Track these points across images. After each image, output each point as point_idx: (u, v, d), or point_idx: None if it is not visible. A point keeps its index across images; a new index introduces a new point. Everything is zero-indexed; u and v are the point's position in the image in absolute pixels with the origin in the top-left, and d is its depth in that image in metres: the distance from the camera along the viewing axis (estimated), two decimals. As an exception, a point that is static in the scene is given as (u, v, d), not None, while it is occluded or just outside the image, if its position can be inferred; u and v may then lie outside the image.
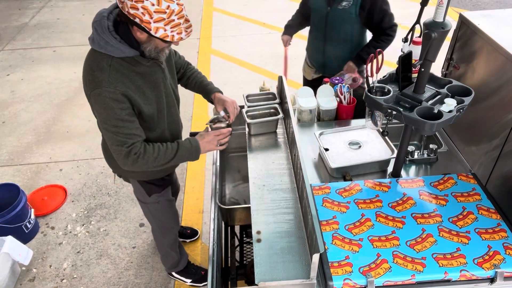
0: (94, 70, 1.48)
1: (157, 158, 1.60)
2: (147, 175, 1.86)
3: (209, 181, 3.18)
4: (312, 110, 2.11)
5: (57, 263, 2.64)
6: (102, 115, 1.51)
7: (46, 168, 3.40)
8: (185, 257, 2.44)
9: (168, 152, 1.63)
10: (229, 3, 6.38)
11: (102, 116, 1.51)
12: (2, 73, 4.83)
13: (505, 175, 1.55)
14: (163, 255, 2.36)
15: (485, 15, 1.76)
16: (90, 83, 1.49)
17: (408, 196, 1.61)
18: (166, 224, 2.17)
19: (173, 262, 2.38)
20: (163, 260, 2.42)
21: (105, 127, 1.53)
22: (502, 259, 1.35)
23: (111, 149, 1.59)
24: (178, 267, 2.43)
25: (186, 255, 2.46)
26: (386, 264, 1.35)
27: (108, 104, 1.47)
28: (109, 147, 1.59)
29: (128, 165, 1.58)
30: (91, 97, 1.51)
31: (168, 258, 2.36)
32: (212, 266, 1.50)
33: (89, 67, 1.50)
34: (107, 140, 1.57)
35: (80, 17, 6.16)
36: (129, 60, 1.51)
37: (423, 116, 1.40)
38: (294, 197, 1.56)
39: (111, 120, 1.50)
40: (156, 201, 2.00)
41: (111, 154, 1.70)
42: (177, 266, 2.41)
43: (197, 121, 3.85)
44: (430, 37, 1.33)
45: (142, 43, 1.48)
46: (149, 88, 1.59)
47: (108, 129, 1.52)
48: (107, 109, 1.48)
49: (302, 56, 2.91)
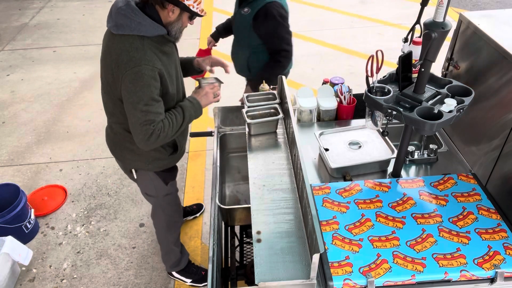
0: (129, 51, 1.53)
1: (173, 127, 1.68)
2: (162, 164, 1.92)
3: (209, 181, 3.18)
4: (312, 110, 2.11)
5: (57, 263, 2.64)
6: (137, 93, 1.55)
7: (46, 168, 3.40)
8: (186, 256, 2.45)
9: (178, 118, 1.70)
10: (229, 3, 6.34)
11: (137, 95, 1.55)
12: (2, 73, 4.84)
13: (505, 175, 1.55)
14: (166, 252, 2.36)
15: (485, 15, 1.76)
16: (127, 63, 1.53)
17: (408, 196, 1.61)
18: (173, 218, 2.21)
19: (175, 260, 2.39)
20: (165, 258, 2.42)
21: (138, 107, 1.57)
22: (502, 259, 1.35)
23: (137, 130, 1.61)
24: (179, 266, 2.43)
25: (187, 254, 2.47)
26: (386, 264, 1.35)
27: (146, 82, 1.54)
28: (135, 128, 1.61)
29: (151, 143, 1.64)
30: (127, 76, 1.54)
31: (170, 256, 2.37)
32: (212, 266, 1.49)
33: (121, 50, 1.55)
34: (135, 120, 1.59)
35: (80, 18, 6.16)
36: (157, 39, 1.60)
37: (423, 116, 1.40)
38: (294, 197, 1.56)
39: (145, 99, 1.56)
40: (169, 192, 2.06)
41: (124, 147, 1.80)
42: (178, 265, 2.42)
43: (197, 121, 3.84)
44: (430, 37, 1.33)
45: (171, 23, 1.62)
46: (172, 68, 1.70)
47: (140, 108, 1.57)
48: (143, 87, 1.54)
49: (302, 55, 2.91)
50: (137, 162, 1.88)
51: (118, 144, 1.88)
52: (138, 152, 1.83)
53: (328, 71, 4.54)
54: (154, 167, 1.91)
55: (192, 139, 3.61)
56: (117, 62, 1.56)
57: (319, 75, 4.46)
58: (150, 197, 2.09)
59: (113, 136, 1.88)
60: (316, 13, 6.00)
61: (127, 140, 1.81)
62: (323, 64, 4.70)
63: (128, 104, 1.60)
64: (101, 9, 6.28)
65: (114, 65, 1.57)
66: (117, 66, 1.56)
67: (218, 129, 2.17)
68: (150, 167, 1.90)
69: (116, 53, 1.57)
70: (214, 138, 2.12)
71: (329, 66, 4.66)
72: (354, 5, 6.20)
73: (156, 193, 2.04)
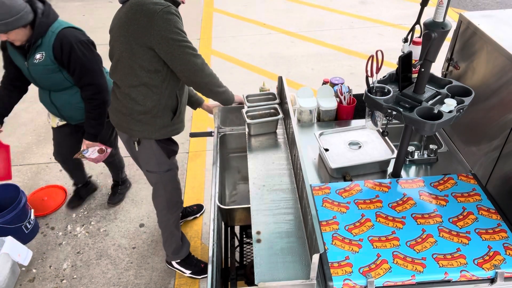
0: (145, 4, 1.67)
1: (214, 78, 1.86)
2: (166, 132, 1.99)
3: (209, 182, 3.19)
4: (312, 110, 2.11)
5: (57, 263, 2.64)
6: (173, 31, 1.68)
7: (46, 169, 3.40)
8: (187, 246, 2.47)
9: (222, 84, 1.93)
10: (229, 4, 6.39)
11: (174, 32, 1.68)
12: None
13: (505, 175, 1.55)
14: (168, 236, 2.37)
15: (485, 16, 1.76)
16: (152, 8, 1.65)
17: (408, 196, 1.61)
18: (174, 198, 2.25)
19: (176, 247, 2.40)
20: (166, 245, 2.42)
21: (178, 43, 1.69)
22: (502, 259, 1.35)
23: (189, 63, 1.74)
24: (180, 255, 2.45)
25: (188, 243, 2.48)
26: (386, 265, 1.35)
27: (175, 19, 1.68)
28: (186, 62, 1.73)
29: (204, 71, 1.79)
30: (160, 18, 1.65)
31: (172, 241, 2.38)
32: (212, 267, 1.49)
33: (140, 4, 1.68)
34: (183, 55, 1.72)
35: (80, 18, 6.16)
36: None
37: (423, 116, 1.40)
38: (294, 197, 1.56)
39: (181, 34, 1.70)
40: (170, 168, 2.12)
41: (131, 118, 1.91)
42: (178, 253, 2.43)
43: (197, 121, 3.85)
44: (430, 37, 1.33)
45: None
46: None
47: (181, 43, 1.70)
48: (177, 24, 1.69)
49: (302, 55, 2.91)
50: (144, 132, 1.94)
51: (125, 116, 1.93)
52: (144, 121, 1.91)
53: (328, 71, 4.55)
54: (161, 134, 1.97)
55: (192, 140, 3.61)
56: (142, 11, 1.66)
57: (319, 75, 4.46)
58: (152, 173, 2.12)
59: (121, 108, 1.92)
60: (316, 14, 6.01)
61: (135, 109, 1.88)
62: (323, 64, 4.70)
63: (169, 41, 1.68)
64: (101, 10, 6.28)
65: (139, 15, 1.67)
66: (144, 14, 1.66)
67: (218, 129, 2.17)
68: (157, 134, 1.96)
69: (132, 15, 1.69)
70: (214, 138, 2.12)
71: (329, 66, 4.66)
72: (354, 6, 6.21)
73: (158, 168, 2.07)
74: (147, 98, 1.85)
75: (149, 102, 1.86)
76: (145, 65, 1.76)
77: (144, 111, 1.88)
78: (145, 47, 1.71)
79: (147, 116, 1.90)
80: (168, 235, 2.36)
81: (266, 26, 5.67)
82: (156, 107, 1.88)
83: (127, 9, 1.72)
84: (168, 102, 1.90)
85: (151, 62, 1.75)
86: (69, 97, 2.35)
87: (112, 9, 1.69)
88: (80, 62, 2.16)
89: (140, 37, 1.69)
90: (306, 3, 6.36)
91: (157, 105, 1.87)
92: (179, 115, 2.01)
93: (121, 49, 1.78)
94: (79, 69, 2.18)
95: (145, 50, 1.72)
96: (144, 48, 1.72)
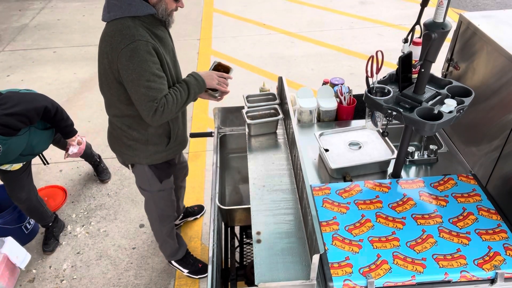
0: (122, 30, 1.55)
1: (177, 103, 1.67)
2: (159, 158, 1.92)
3: (209, 182, 3.18)
4: (312, 110, 2.11)
5: (56, 264, 2.64)
6: (135, 70, 1.55)
7: (46, 169, 3.40)
8: (183, 247, 2.47)
9: (183, 94, 1.70)
10: (229, 4, 6.39)
11: (137, 71, 1.55)
12: (2, 73, 4.84)
13: (506, 175, 1.55)
14: (161, 244, 2.39)
15: (485, 16, 1.76)
16: (120, 42, 1.54)
17: (408, 196, 1.61)
18: (166, 212, 2.22)
19: (172, 251, 2.42)
20: (161, 249, 2.45)
21: (139, 83, 1.57)
22: (502, 260, 1.35)
23: (141, 107, 1.62)
24: (177, 256, 2.46)
25: (184, 245, 2.49)
26: (386, 265, 1.35)
27: (143, 57, 1.54)
28: (139, 105, 1.62)
29: (157, 119, 1.64)
30: (123, 55, 1.54)
31: (166, 246, 2.40)
32: (212, 267, 1.49)
33: (114, 31, 1.57)
34: (138, 98, 1.60)
35: (80, 18, 6.16)
36: (148, 21, 1.62)
37: (423, 116, 1.40)
38: (294, 197, 1.56)
39: (146, 75, 1.56)
40: (162, 189, 2.06)
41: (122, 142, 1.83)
42: (175, 255, 2.45)
43: (197, 122, 3.85)
44: (430, 37, 1.33)
45: (155, 3, 1.61)
46: (165, 52, 1.69)
47: (142, 84, 1.57)
48: (141, 63, 1.54)
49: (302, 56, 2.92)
50: (134, 158, 1.90)
51: (116, 139, 1.90)
52: (135, 147, 1.85)
53: (328, 71, 4.54)
54: (152, 160, 1.92)
55: (192, 140, 3.60)
56: (111, 43, 1.57)
57: (319, 75, 4.46)
58: (144, 190, 2.11)
59: (112, 131, 1.90)
60: (316, 14, 6.00)
61: (124, 135, 1.83)
62: (323, 64, 4.70)
63: (129, 83, 1.59)
64: (101, 10, 6.26)
65: (108, 48, 1.58)
66: (112, 47, 1.57)
67: (218, 130, 2.16)
68: (148, 161, 1.92)
69: (109, 36, 1.58)
70: (214, 139, 2.12)
71: (329, 66, 4.66)
72: (354, 6, 6.21)
73: (150, 188, 2.06)
74: (131, 129, 1.79)
75: (135, 133, 1.80)
76: (121, 99, 1.69)
77: (132, 139, 1.83)
78: (116, 81, 1.64)
79: (137, 143, 1.84)
80: (162, 242, 2.37)
81: (266, 26, 5.67)
82: (145, 136, 1.81)
83: (103, 35, 1.63)
84: (159, 130, 1.83)
85: (127, 95, 1.66)
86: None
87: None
88: None
89: (111, 71, 1.61)
90: (306, 3, 6.36)
91: (145, 134, 1.81)
92: (176, 139, 1.92)
93: (101, 78, 1.71)
94: None
95: (118, 84, 1.64)
96: (116, 82, 1.64)
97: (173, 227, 2.33)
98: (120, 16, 1.58)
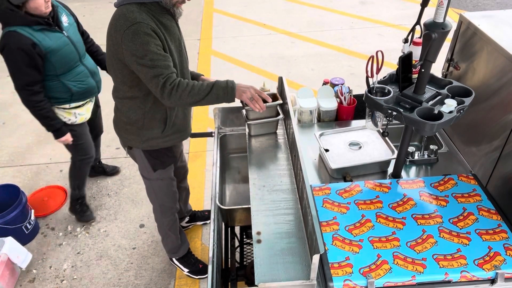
0: (126, 13, 1.59)
1: (191, 93, 1.65)
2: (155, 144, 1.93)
3: (209, 182, 3.18)
4: (312, 110, 2.11)
5: (57, 264, 2.64)
6: (138, 51, 1.58)
7: (46, 169, 3.40)
8: (185, 245, 2.47)
9: (203, 88, 1.67)
10: (230, 4, 6.39)
11: (139, 52, 1.58)
12: (2, 74, 4.83)
13: (506, 176, 1.55)
14: (163, 237, 2.40)
15: (485, 16, 1.76)
16: (123, 24, 1.58)
17: (408, 197, 1.61)
18: (167, 203, 2.22)
19: (173, 246, 2.42)
20: (163, 242, 2.45)
21: (142, 62, 1.60)
22: (502, 260, 1.35)
23: (150, 85, 1.65)
24: (178, 254, 2.46)
25: (187, 243, 2.49)
26: (387, 265, 1.35)
27: (144, 38, 1.57)
28: (148, 84, 1.65)
29: (165, 97, 1.65)
30: (126, 37, 1.58)
31: (167, 241, 2.40)
32: (212, 267, 1.49)
33: (119, 16, 1.61)
34: (145, 75, 1.64)
35: (80, 18, 6.15)
36: (154, 8, 1.64)
37: (424, 116, 1.40)
38: (294, 197, 1.56)
39: (148, 54, 1.59)
40: (160, 178, 2.07)
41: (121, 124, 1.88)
42: (177, 252, 2.45)
43: (198, 122, 3.85)
44: (431, 37, 1.33)
45: None
46: (171, 40, 1.71)
47: (145, 63, 1.60)
48: (143, 44, 1.58)
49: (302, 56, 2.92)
50: (131, 141, 1.94)
51: (117, 121, 1.94)
52: (131, 131, 1.89)
53: (328, 71, 4.54)
54: (148, 145, 1.94)
55: (192, 140, 3.61)
56: (115, 26, 1.61)
57: (319, 75, 4.46)
58: (143, 177, 2.12)
59: (115, 113, 1.94)
60: (316, 14, 6.01)
61: (123, 118, 1.88)
62: (323, 64, 4.70)
63: (133, 63, 1.62)
64: (101, 10, 6.28)
65: (113, 31, 1.62)
66: (115, 30, 1.61)
67: (218, 130, 2.17)
68: (144, 146, 1.93)
69: (115, 19, 1.63)
70: (214, 139, 2.12)
71: (329, 66, 4.66)
72: (354, 6, 6.21)
73: (148, 175, 2.08)
74: (131, 111, 1.83)
75: (133, 115, 1.83)
76: (125, 80, 1.73)
77: (129, 122, 1.86)
78: (121, 63, 1.67)
79: (133, 127, 1.88)
80: (164, 235, 2.38)
81: (266, 26, 5.67)
82: (141, 120, 1.84)
83: (111, 19, 1.67)
84: (156, 115, 1.84)
85: (130, 77, 1.71)
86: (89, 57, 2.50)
87: (112, 10, 1.69)
88: None
89: (116, 53, 1.65)
90: (306, 4, 6.36)
91: (142, 118, 1.83)
92: (173, 126, 1.92)
93: (108, 60, 1.76)
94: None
95: (122, 65, 1.68)
96: (120, 63, 1.68)
97: (175, 221, 2.33)
98: (128, 2, 1.62)
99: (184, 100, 1.66)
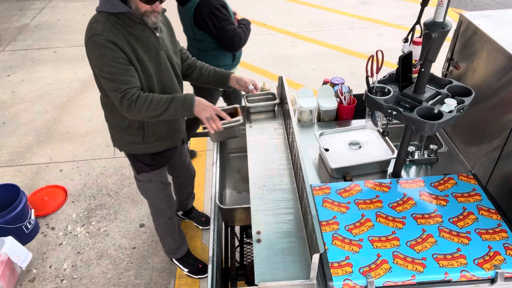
0: (91, 24, 1.61)
1: (149, 108, 1.64)
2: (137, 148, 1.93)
3: (209, 182, 3.18)
4: (312, 110, 2.11)
5: (57, 263, 2.64)
6: (97, 63, 1.60)
7: (46, 169, 3.40)
8: (184, 247, 2.47)
9: (161, 103, 1.65)
10: (230, 4, 6.39)
11: (98, 64, 1.60)
12: (2, 73, 4.84)
13: (506, 175, 1.55)
14: (160, 238, 2.41)
15: (485, 16, 1.76)
16: (87, 34, 1.60)
17: (408, 196, 1.61)
18: (159, 206, 2.22)
19: (170, 248, 2.42)
20: (161, 242, 2.46)
21: (102, 74, 1.62)
22: (502, 259, 1.35)
23: (110, 95, 1.67)
24: (177, 254, 2.47)
25: (186, 244, 2.49)
26: (386, 265, 1.35)
27: (101, 51, 1.57)
28: (109, 94, 1.67)
29: (124, 111, 1.66)
30: (88, 47, 1.60)
31: (164, 241, 2.41)
32: (212, 267, 1.49)
33: (88, 25, 1.62)
34: (106, 87, 1.65)
35: (80, 18, 6.17)
36: (124, 19, 1.62)
37: (423, 116, 1.40)
38: (294, 197, 1.56)
39: (106, 67, 1.59)
40: (148, 180, 2.08)
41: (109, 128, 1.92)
42: (176, 252, 2.46)
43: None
44: (430, 37, 1.33)
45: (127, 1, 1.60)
46: (144, 51, 1.69)
47: (105, 76, 1.61)
48: (101, 56, 1.58)
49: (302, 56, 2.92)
50: (115, 142, 1.97)
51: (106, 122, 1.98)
52: (113, 133, 1.94)
53: (328, 71, 4.55)
54: (129, 149, 1.95)
55: (192, 140, 3.61)
56: (85, 34, 1.63)
57: (319, 75, 4.47)
58: (135, 177, 2.14)
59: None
60: (316, 14, 6.01)
61: (107, 119, 1.92)
62: (323, 64, 4.70)
63: (95, 74, 1.67)
64: (101, 10, 6.28)
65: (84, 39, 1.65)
66: (84, 39, 1.63)
67: (218, 130, 2.16)
68: (126, 148, 1.95)
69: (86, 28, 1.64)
70: (214, 139, 2.11)
71: (329, 66, 4.66)
72: (354, 6, 6.21)
73: (136, 175, 2.10)
74: (110, 115, 1.87)
75: (112, 119, 1.87)
76: (101, 86, 1.74)
77: (111, 125, 1.92)
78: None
79: (114, 130, 1.92)
80: (161, 236, 2.39)
81: (266, 26, 5.67)
82: (120, 125, 1.85)
83: None
84: (133, 123, 1.83)
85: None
86: None
87: (112, 10, 1.69)
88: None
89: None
90: (307, 3, 6.36)
91: (120, 123, 1.84)
92: (154, 135, 1.89)
93: None
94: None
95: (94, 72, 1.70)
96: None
97: (170, 224, 2.30)
98: (100, 10, 1.62)
99: (143, 114, 1.65)
